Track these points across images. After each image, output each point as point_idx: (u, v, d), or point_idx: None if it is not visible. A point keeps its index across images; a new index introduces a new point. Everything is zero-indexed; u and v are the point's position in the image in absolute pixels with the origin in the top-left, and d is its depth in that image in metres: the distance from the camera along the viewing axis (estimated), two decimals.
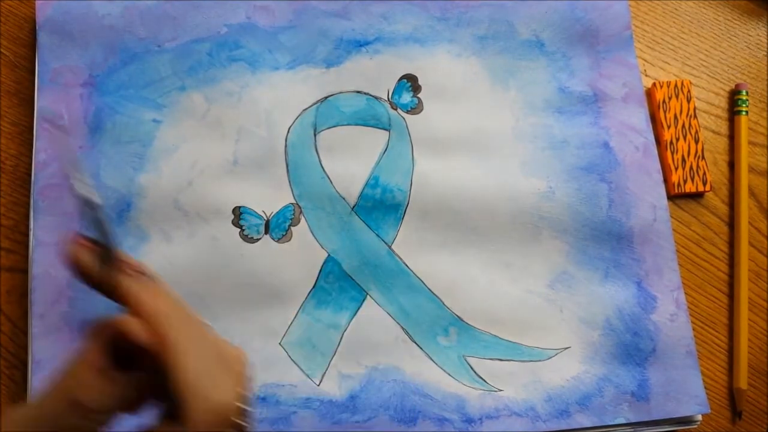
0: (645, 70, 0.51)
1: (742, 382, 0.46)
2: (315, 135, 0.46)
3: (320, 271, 0.44)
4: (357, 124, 0.47)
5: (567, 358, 0.44)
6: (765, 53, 0.53)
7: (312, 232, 0.45)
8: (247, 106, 0.46)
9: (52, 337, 0.42)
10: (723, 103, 0.51)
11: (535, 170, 0.46)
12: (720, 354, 0.47)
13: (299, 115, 0.46)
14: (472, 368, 0.43)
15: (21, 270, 0.44)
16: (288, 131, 0.46)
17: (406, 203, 0.45)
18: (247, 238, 0.44)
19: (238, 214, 0.44)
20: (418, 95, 0.47)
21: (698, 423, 0.44)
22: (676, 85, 0.50)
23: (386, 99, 0.47)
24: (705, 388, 0.43)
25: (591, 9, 0.49)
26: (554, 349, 0.44)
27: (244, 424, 0.26)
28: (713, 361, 0.46)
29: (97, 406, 0.24)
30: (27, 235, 0.44)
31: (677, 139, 0.49)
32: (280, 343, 0.43)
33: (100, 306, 0.42)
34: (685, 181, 0.48)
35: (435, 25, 0.49)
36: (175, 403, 0.24)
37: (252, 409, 0.27)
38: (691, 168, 0.48)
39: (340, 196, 0.45)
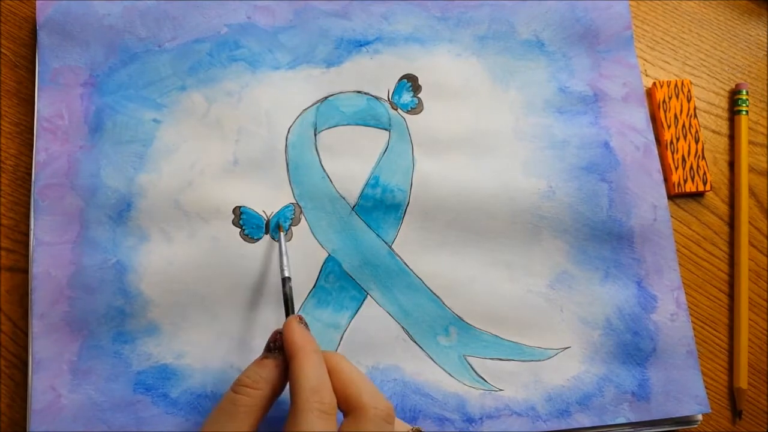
0: (645, 70, 0.51)
1: (743, 381, 0.46)
2: (315, 135, 0.46)
3: (320, 270, 0.44)
4: (357, 124, 0.47)
5: (567, 357, 0.44)
6: (765, 53, 0.53)
7: (312, 232, 0.45)
8: (247, 106, 0.46)
9: (52, 337, 0.42)
10: (723, 102, 0.51)
11: (535, 170, 0.46)
12: (720, 354, 0.47)
13: (299, 115, 0.46)
14: (472, 368, 0.43)
15: (21, 270, 0.44)
16: (288, 131, 0.46)
17: (406, 203, 0.45)
18: (248, 238, 0.44)
19: (239, 214, 0.44)
20: (418, 95, 0.47)
21: (698, 423, 0.44)
22: (676, 85, 0.50)
23: (386, 99, 0.47)
24: (705, 387, 0.43)
25: (591, 9, 0.49)
26: (554, 349, 0.44)
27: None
28: (713, 361, 0.47)
29: (251, 381, 0.35)
30: (27, 235, 0.44)
31: (677, 139, 0.49)
32: None
33: (101, 306, 0.42)
34: (685, 181, 0.48)
35: (435, 25, 0.49)
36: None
37: None
38: (691, 168, 0.48)
39: (341, 196, 0.45)
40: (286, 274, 0.40)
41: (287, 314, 0.38)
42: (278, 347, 0.36)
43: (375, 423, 0.33)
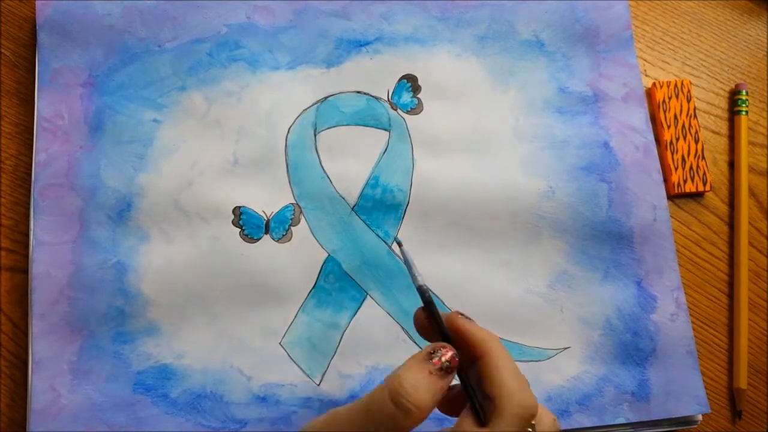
0: (645, 70, 0.51)
1: (742, 382, 0.46)
2: (315, 135, 0.46)
3: (320, 271, 0.44)
4: (357, 125, 0.47)
5: (567, 358, 0.44)
6: (765, 53, 0.53)
7: (312, 232, 0.45)
8: (247, 106, 0.46)
9: (52, 337, 0.42)
10: (723, 103, 0.51)
11: (535, 170, 0.46)
12: (720, 354, 0.47)
13: (299, 115, 0.46)
14: None
15: (21, 270, 0.44)
16: (288, 131, 0.46)
17: (406, 203, 0.45)
18: (248, 238, 0.44)
19: (239, 214, 0.44)
20: (418, 95, 0.47)
21: (698, 423, 0.44)
22: (676, 85, 0.50)
23: (386, 99, 0.47)
24: (705, 388, 0.43)
25: (591, 9, 0.49)
26: (554, 349, 0.44)
27: None
28: (713, 361, 0.47)
29: (419, 400, 0.28)
30: (27, 235, 0.44)
31: (677, 139, 0.49)
32: (280, 343, 0.43)
33: (100, 306, 0.42)
34: (685, 181, 0.48)
35: (435, 25, 0.49)
36: (484, 402, 0.30)
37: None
38: (691, 168, 0.48)
39: (340, 196, 0.45)
40: (420, 282, 0.34)
41: (437, 322, 0.33)
42: (448, 368, 0.30)
43: (512, 422, 0.29)
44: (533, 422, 0.30)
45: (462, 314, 0.32)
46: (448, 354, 0.30)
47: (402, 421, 0.28)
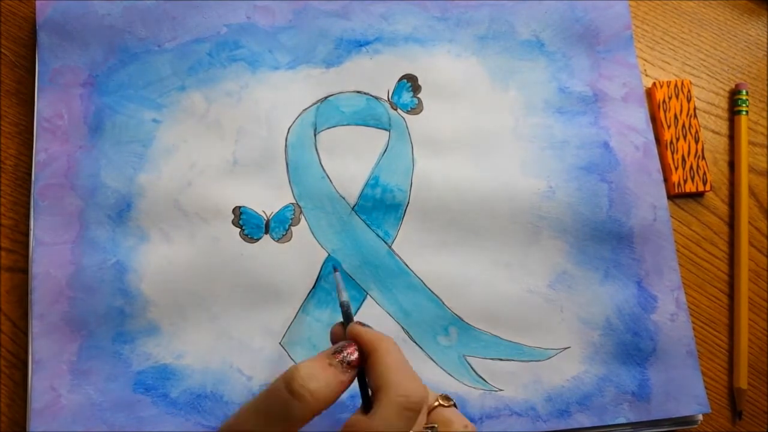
0: (645, 70, 0.51)
1: (742, 382, 0.46)
2: (315, 135, 0.46)
3: (320, 271, 0.44)
4: (357, 124, 0.47)
5: (567, 358, 0.44)
6: (765, 53, 0.53)
7: (312, 232, 0.45)
8: (247, 106, 0.46)
9: (52, 337, 0.41)
10: (723, 103, 0.51)
11: (535, 170, 0.46)
12: (720, 354, 0.47)
13: (299, 115, 0.46)
14: (472, 368, 0.43)
15: (21, 270, 0.44)
16: (288, 131, 0.46)
17: (406, 203, 0.45)
18: (247, 238, 0.44)
19: (238, 214, 0.44)
20: (418, 95, 0.47)
21: (698, 423, 0.44)
22: (676, 85, 0.50)
23: (386, 99, 0.47)
24: (705, 388, 0.43)
25: (591, 9, 0.49)
26: (554, 349, 0.44)
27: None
28: (713, 361, 0.46)
29: (314, 388, 0.30)
30: (27, 235, 0.44)
31: (677, 139, 0.49)
32: (280, 343, 0.43)
33: (100, 306, 0.42)
34: (685, 181, 0.48)
35: (435, 25, 0.49)
36: (373, 395, 0.31)
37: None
38: (691, 168, 0.48)
39: (340, 196, 0.45)
40: (344, 298, 0.37)
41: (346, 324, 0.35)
42: (349, 362, 0.32)
43: (392, 409, 0.30)
44: (435, 425, 0.33)
45: (360, 323, 0.34)
46: (350, 351, 0.32)
47: (295, 409, 0.30)
